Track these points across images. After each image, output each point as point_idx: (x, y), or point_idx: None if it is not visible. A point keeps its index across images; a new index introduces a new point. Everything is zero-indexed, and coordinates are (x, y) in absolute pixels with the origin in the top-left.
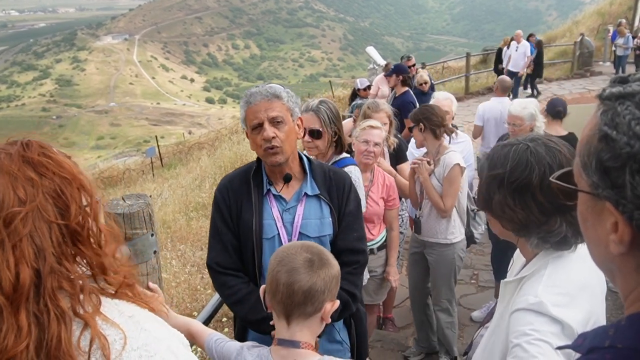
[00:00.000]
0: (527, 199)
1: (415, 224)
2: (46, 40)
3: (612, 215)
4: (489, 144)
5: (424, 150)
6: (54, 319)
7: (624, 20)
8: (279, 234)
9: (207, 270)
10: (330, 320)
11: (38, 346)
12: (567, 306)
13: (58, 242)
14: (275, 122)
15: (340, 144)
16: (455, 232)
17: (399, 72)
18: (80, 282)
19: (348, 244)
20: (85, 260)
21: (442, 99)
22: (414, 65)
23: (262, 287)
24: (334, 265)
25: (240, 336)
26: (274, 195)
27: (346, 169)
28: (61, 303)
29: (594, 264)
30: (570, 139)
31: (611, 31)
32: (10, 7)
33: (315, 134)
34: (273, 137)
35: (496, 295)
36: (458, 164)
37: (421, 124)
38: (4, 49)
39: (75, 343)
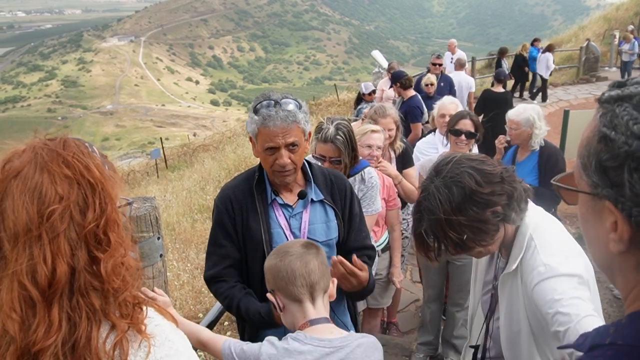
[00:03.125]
0: (480, 201)
1: None
2: (52, 41)
3: (612, 214)
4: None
5: (431, 153)
6: (85, 318)
7: (631, 27)
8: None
9: None
10: (335, 297)
11: (66, 342)
12: (568, 262)
13: (90, 241)
14: (291, 146)
15: (356, 157)
16: None
17: (396, 80)
18: (113, 284)
19: (360, 244)
20: (99, 265)
21: (447, 103)
22: (440, 64)
23: (269, 294)
24: (320, 248)
25: (252, 339)
26: (279, 203)
27: (366, 171)
28: (94, 301)
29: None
30: (506, 97)
31: (617, 36)
32: (17, 8)
33: (336, 162)
34: (288, 163)
35: None
36: None
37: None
38: (11, 50)
39: (100, 344)
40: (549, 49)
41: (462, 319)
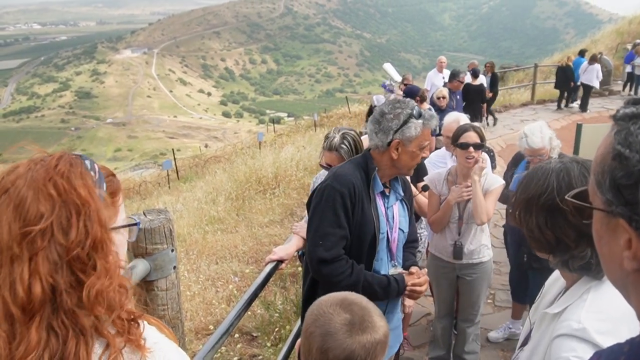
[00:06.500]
0: (559, 221)
1: (456, 250)
2: (67, 53)
3: (626, 232)
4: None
5: (440, 166)
6: (73, 336)
7: (638, 41)
8: (386, 229)
9: (221, 283)
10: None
11: (56, 359)
12: (610, 333)
13: (74, 263)
14: None
15: None
16: (489, 244)
17: (412, 95)
18: (95, 311)
19: (414, 235)
20: (82, 290)
21: (449, 122)
22: (461, 81)
23: (298, 341)
24: (379, 327)
25: None
26: (383, 195)
27: None
28: (81, 320)
29: None
30: (481, 88)
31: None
32: (32, 20)
33: None
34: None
35: (513, 316)
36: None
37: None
38: (26, 61)
39: None
40: (595, 59)
41: (472, 334)
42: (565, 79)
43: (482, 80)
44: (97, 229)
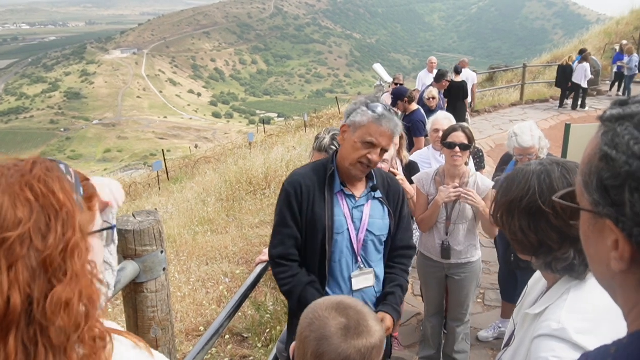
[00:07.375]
0: (542, 224)
1: (444, 250)
2: (56, 54)
3: (613, 232)
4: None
5: (423, 166)
6: (43, 354)
7: (625, 42)
8: (348, 229)
9: (211, 284)
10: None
11: None
12: (590, 333)
13: (49, 269)
14: (382, 150)
15: None
16: (477, 244)
17: (399, 96)
18: (55, 320)
19: (406, 242)
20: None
21: (441, 118)
22: (447, 81)
23: (293, 344)
24: (375, 332)
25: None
26: (345, 194)
27: None
28: (52, 336)
29: None
30: (463, 85)
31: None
32: (21, 20)
33: None
34: (375, 162)
35: (503, 315)
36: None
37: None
38: (15, 62)
39: None
40: (586, 59)
41: (462, 334)
42: (565, 78)
43: (467, 76)
44: (72, 233)
